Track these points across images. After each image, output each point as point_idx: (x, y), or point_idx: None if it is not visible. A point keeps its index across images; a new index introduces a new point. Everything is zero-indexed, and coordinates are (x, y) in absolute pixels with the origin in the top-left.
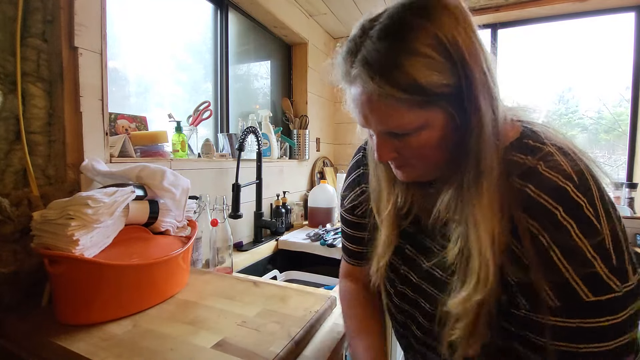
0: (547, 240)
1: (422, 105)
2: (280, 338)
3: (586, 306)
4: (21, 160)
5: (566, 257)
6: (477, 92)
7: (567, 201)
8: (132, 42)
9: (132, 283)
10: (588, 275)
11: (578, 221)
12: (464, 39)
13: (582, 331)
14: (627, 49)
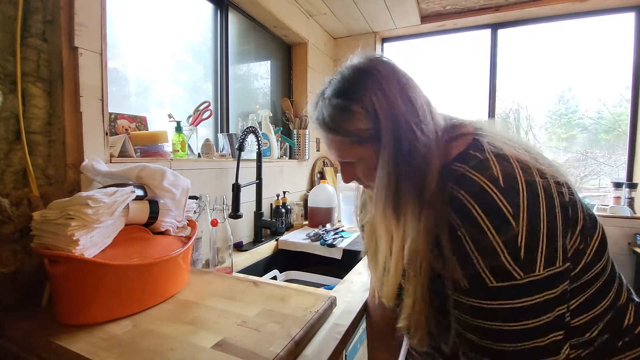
0: (464, 234)
1: (358, 144)
2: (280, 338)
3: (489, 290)
4: (21, 160)
5: (478, 249)
6: (386, 134)
7: (485, 200)
8: (132, 42)
9: (132, 283)
10: (494, 266)
11: (492, 218)
12: (380, 99)
13: (486, 310)
14: (627, 49)
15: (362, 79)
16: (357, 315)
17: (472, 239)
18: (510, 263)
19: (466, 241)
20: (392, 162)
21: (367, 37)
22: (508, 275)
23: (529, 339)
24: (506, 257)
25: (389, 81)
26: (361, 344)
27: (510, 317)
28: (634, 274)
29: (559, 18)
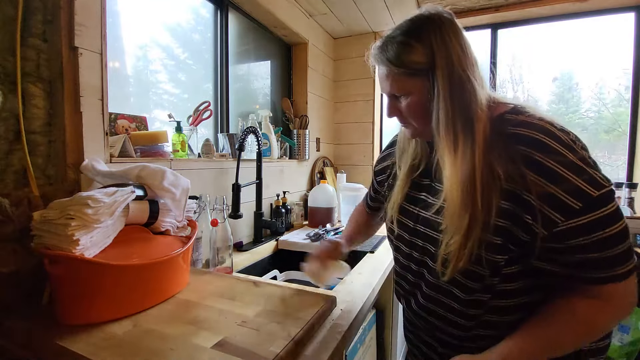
0: (543, 157)
1: (410, 75)
2: (280, 338)
3: (597, 199)
4: (21, 160)
5: (565, 166)
6: (439, 72)
7: (550, 132)
8: (132, 42)
9: (132, 283)
10: (586, 179)
11: (562, 144)
12: (437, 40)
13: (601, 220)
14: (628, 49)
15: (425, 22)
16: (357, 315)
17: (554, 161)
18: (596, 174)
19: (549, 163)
20: (445, 94)
21: (367, 37)
22: (599, 184)
23: (626, 238)
24: (590, 170)
25: (447, 28)
26: (361, 344)
27: (615, 220)
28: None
29: (559, 18)
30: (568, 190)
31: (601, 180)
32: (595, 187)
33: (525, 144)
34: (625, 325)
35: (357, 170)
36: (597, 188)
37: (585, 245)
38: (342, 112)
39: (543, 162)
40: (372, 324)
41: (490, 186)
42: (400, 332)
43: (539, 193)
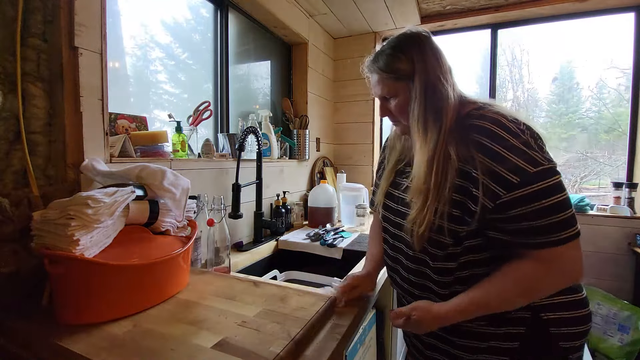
0: (490, 143)
1: (396, 80)
2: (280, 338)
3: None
4: (21, 160)
5: (506, 148)
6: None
7: (499, 123)
8: (132, 42)
9: (133, 283)
10: (526, 159)
11: (508, 131)
12: (417, 52)
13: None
14: (628, 49)
15: (408, 39)
16: (357, 315)
17: (498, 144)
18: (535, 155)
19: (493, 146)
20: (421, 94)
21: (367, 37)
22: (537, 162)
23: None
24: (530, 152)
25: (425, 44)
26: (361, 344)
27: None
28: (634, 274)
29: (559, 18)
30: (508, 168)
31: (540, 160)
32: (533, 165)
33: (477, 132)
34: (625, 325)
35: (357, 170)
36: (534, 166)
37: (524, 214)
38: (342, 112)
39: (489, 145)
40: (372, 324)
41: (445, 166)
42: (401, 332)
43: (484, 170)
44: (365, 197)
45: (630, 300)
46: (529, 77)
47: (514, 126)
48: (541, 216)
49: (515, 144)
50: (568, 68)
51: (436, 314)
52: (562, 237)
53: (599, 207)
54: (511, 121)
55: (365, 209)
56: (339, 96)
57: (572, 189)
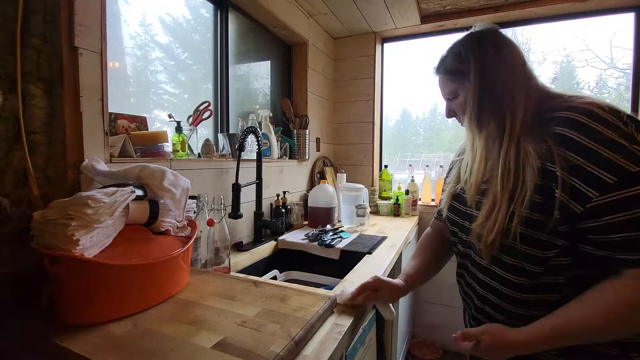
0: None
1: (453, 81)
2: (280, 338)
3: (636, 174)
4: (21, 160)
5: (604, 144)
6: (471, 76)
7: (593, 115)
8: (132, 42)
9: (133, 283)
10: (626, 153)
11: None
12: (474, 52)
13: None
14: (628, 49)
15: (467, 38)
16: (357, 315)
17: (588, 137)
18: (637, 149)
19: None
20: (475, 92)
21: (367, 37)
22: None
23: None
24: (632, 147)
25: (485, 40)
26: (361, 344)
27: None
28: None
29: (559, 18)
30: (600, 164)
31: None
32: (635, 163)
33: (559, 124)
34: None
35: (357, 170)
36: (637, 164)
37: (622, 224)
38: (342, 112)
39: (574, 138)
40: (372, 324)
41: (519, 164)
42: (401, 332)
43: (567, 166)
44: (365, 197)
45: None
46: None
47: (612, 117)
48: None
49: (611, 137)
50: (568, 68)
51: (512, 340)
52: None
53: None
54: (610, 112)
55: (365, 209)
56: (339, 96)
57: None
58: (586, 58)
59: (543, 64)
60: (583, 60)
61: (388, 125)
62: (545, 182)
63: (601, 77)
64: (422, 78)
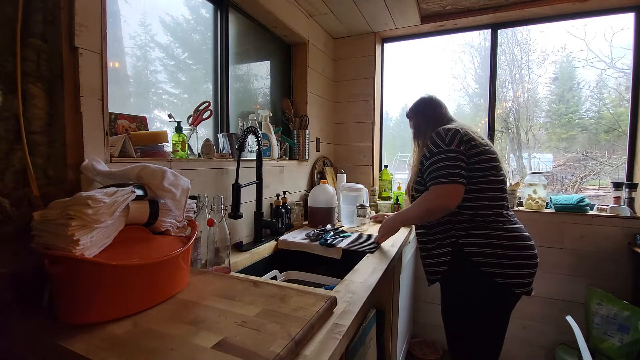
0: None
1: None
2: (280, 338)
3: (436, 153)
4: (21, 160)
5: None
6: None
7: (436, 132)
8: (132, 42)
9: (133, 283)
10: (427, 150)
11: (434, 136)
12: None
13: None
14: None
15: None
16: (357, 315)
17: (429, 139)
18: (440, 145)
19: (428, 140)
20: (419, 129)
21: (367, 37)
22: (440, 145)
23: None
24: (440, 142)
25: (424, 105)
26: (361, 344)
27: (440, 161)
28: (634, 273)
29: (559, 18)
30: (426, 150)
31: (440, 145)
32: (435, 147)
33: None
34: (625, 325)
35: (357, 170)
36: (436, 147)
37: (428, 173)
38: (342, 112)
39: (426, 142)
40: (372, 324)
41: (420, 158)
42: (401, 332)
43: (423, 153)
44: (365, 197)
45: (630, 300)
46: (529, 77)
47: (443, 132)
48: (435, 171)
49: (435, 140)
50: (568, 68)
51: (389, 218)
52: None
53: (599, 207)
54: (443, 129)
55: (365, 209)
56: (339, 96)
57: (572, 189)
58: (586, 58)
59: (543, 64)
60: (583, 60)
61: (388, 125)
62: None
63: (601, 77)
64: (422, 78)
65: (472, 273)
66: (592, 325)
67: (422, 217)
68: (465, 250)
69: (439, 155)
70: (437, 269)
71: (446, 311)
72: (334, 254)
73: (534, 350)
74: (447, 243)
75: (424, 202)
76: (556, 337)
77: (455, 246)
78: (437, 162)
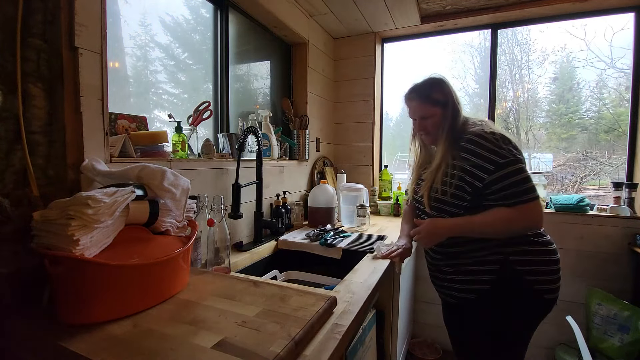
0: (467, 149)
1: (433, 106)
2: (280, 338)
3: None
4: (21, 160)
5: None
6: (448, 106)
7: (479, 135)
8: (132, 42)
9: (133, 283)
10: (499, 153)
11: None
12: (451, 90)
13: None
14: (628, 49)
15: (442, 80)
16: (357, 315)
17: (476, 145)
18: (503, 151)
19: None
20: (449, 119)
21: (367, 37)
22: (505, 156)
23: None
24: (500, 150)
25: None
26: (361, 344)
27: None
28: (634, 274)
29: (559, 18)
30: (484, 160)
31: (506, 154)
32: (501, 157)
33: (464, 140)
34: (625, 325)
35: (357, 170)
36: (502, 158)
37: (499, 188)
38: (342, 112)
39: (469, 147)
40: (372, 324)
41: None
42: (401, 332)
43: (469, 163)
44: (366, 198)
45: (630, 300)
46: (529, 77)
47: (490, 135)
48: (514, 186)
49: (489, 146)
50: (568, 68)
51: (441, 225)
52: (527, 199)
53: (599, 207)
54: (490, 132)
55: (365, 209)
56: (339, 96)
57: (572, 189)
58: (586, 58)
59: (543, 64)
60: (583, 60)
61: (388, 125)
62: (457, 171)
63: (601, 77)
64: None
65: (524, 292)
66: (592, 325)
67: (493, 234)
68: (517, 268)
69: (514, 165)
70: (473, 287)
71: (482, 331)
72: (334, 254)
73: (534, 351)
74: (492, 260)
75: (506, 220)
76: (556, 337)
77: (505, 264)
78: (514, 174)
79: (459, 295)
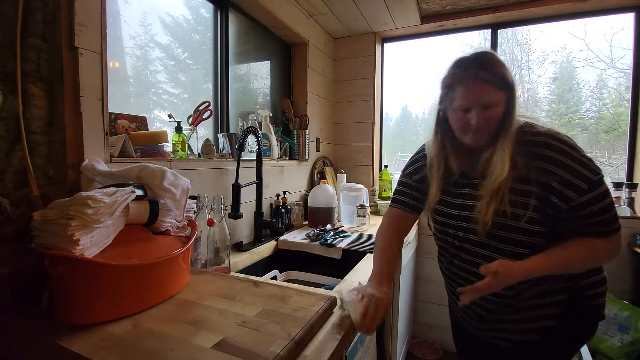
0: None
1: (500, 90)
2: (280, 338)
3: (596, 181)
4: (21, 160)
5: (574, 160)
6: (514, 93)
7: (559, 140)
8: (132, 42)
9: (133, 283)
10: (591, 169)
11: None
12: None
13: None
14: (628, 49)
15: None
16: None
17: (566, 156)
18: (592, 165)
19: (560, 157)
20: (513, 110)
21: (367, 37)
22: (596, 172)
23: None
24: (590, 163)
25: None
26: (361, 344)
27: (608, 195)
28: (634, 274)
29: (559, 18)
30: (576, 176)
31: (596, 169)
32: (594, 174)
33: (540, 146)
34: (625, 325)
35: (357, 170)
36: (595, 174)
37: (590, 213)
38: (342, 112)
39: (556, 157)
40: None
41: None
42: (401, 332)
43: (557, 179)
44: (366, 197)
45: (630, 300)
46: (529, 77)
47: (570, 141)
48: (604, 212)
49: (578, 157)
50: (568, 68)
51: (520, 267)
52: (616, 227)
53: None
54: (566, 136)
55: (365, 209)
56: (339, 96)
57: None
58: (586, 58)
59: (543, 64)
60: (583, 60)
61: (388, 125)
62: (524, 186)
63: (601, 77)
64: (422, 78)
65: (592, 318)
66: None
67: (577, 271)
68: (586, 293)
69: (604, 185)
70: (535, 325)
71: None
72: (334, 254)
73: None
74: (560, 288)
75: (599, 254)
76: None
77: (574, 291)
78: (605, 196)
79: (516, 339)
